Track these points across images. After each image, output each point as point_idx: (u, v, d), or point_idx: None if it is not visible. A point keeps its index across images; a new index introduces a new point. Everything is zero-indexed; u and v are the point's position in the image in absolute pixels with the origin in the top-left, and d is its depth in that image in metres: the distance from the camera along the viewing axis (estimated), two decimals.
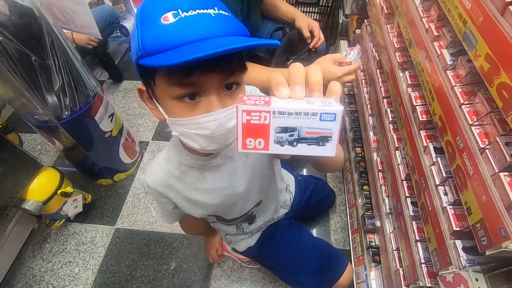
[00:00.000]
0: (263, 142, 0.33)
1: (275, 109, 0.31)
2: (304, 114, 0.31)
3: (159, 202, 0.72)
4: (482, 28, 0.55)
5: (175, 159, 0.65)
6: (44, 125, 1.24)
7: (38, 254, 1.44)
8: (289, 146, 0.33)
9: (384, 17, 1.11)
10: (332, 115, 0.31)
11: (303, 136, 0.33)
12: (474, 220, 0.55)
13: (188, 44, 0.39)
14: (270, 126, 0.32)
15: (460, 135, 0.61)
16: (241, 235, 0.99)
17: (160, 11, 0.41)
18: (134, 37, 0.43)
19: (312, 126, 0.32)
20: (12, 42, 0.96)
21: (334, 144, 0.33)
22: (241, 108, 0.31)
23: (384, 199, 1.05)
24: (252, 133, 0.32)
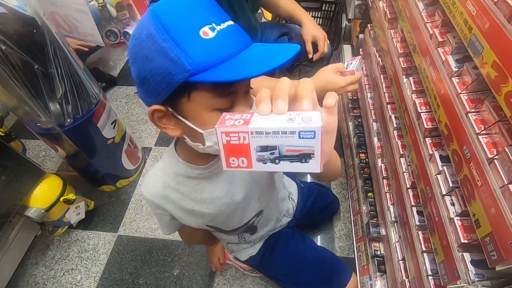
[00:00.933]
0: (246, 160, 0.33)
1: (253, 129, 0.31)
2: (282, 133, 0.31)
3: (156, 213, 0.72)
4: (488, 34, 0.53)
5: (170, 170, 0.64)
6: (47, 133, 1.25)
7: (40, 261, 1.44)
8: (271, 163, 0.33)
9: (387, 22, 1.10)
10: (311, 133, 0.31)
11: (284, 154, 0.33)
12: (483, 233, 0.53)
13: (234, 56, 0.43)
14: (250, 146, 0.32)
15: (467, 144, 0.59)
16: (242, 244, 0.97)
17: (195, 26, 0.41)
18: (167, 54, 0.41)
19: (291, 144, 0.32)
20: (15, 51, 0.97)
21: (318, 160, 0.32)
22: (219, 130, 0.32)
23: (389, 207, 1.03)
24: (234, 152, 0.33)
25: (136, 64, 0.45)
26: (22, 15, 0.98)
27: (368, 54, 1.37)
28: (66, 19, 1.21)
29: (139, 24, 0.44)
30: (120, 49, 2.51)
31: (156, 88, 0.45)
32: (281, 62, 0.40)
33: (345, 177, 1.58)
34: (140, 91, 0.49)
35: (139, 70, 0.45)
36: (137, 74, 0.46)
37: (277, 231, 1.00)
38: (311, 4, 1.79)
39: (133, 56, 0.45)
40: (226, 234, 0.88)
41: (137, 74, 0.46)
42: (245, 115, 0.34)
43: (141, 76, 0.45)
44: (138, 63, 0.45)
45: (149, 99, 0.48)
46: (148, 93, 0.47)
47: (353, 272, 1.02)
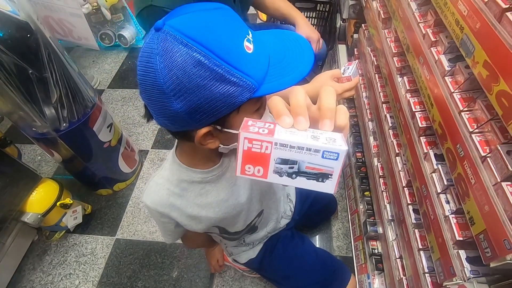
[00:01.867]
0: (262, 170, 0.33)
1: (278, 141, 0.31)
2: (306, 150, 0.31)
3: (160, 222, 0.70)
4: (479, 34, 0.54)
5: (173, 177, 0.64)
6: (42, 137, 1.24)
7: (38, 267, 1.43)
8: (287, 177, 0.33)
9: (381, 22, 1.10)
10: (335, 154, 0.31)
11: (303, 170, 0.32)
12: (477, 230, 0.53)
13: (269, 62, 0.46)
14: (271, 157, 0.32)
15: (461, 142, 0.60)
16: (242, 246, 0.97)
17: (237, 43, 0.42)
18: (226, 79, 0.40)
19: (313, 162, 0.31)
20: (9, 56, 0.96)
21: (334, 181, 0.32)
22: (243, 136, 0.31)
23: (385, 205, 1.04)
24: (252, 160, 0.32)
25: (182, 97, 0.41)
26: (16, 20, 0.97)
27: (362, 53, 1.38)
28: (61, 23, 1.21)
29: (164, 49, 0.40)
30: (115, 52, 2.50)
31: (213, 113, 0.43)
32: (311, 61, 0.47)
33: (342, 176, 1.59)
34: (185, 119, 0.44)
35: (190, 101, 0.42)
36: (185, 106, 0.42)
37: (276, 233, 1.00)
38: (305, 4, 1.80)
39: (176, 90, 0.41)
40: (226, 238, 0.88)
41: (185, 106, 0.42)
42: (267, 124, 0.33)
43: (192, 106, 0.42)
44: (187, 95, 0.41)
45: (195, 125, 0.46)
46: (198, 120, 0.45)
47: (352, 273, 1.02)
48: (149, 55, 0.41)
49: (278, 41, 0.50)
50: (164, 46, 0.40)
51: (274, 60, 0.46)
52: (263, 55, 0.45)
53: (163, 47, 0.40)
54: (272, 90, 0.44)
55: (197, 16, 0.42)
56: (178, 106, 0.42)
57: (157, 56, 0.40)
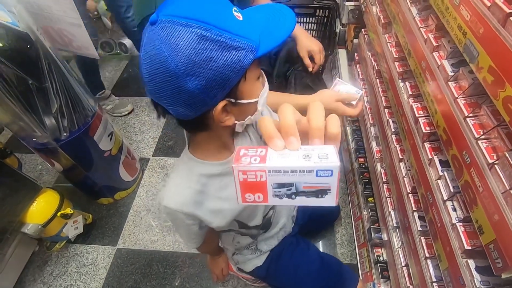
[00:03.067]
0: (262, 196, 0.34)
1: (270, 168, 0.31)
2: (300, 172, 0.31)
3: (185, 225, 0.69)
4: (483, 39, 0.53)
5: (192, 174, 0.64)
6: (43, 147, 1.23)
7: (38, 278, 1.41)
8: (287, 198, 0.33)
9: (381, 27, 1.10)
10: (329, 171, 0.31)
11: (301, 190, 0.33)
12: (487, 240, 0.52)
13: (264, 24, 0.50)
14: (267, 183, 0.32)
15: (467, 149, 0.58)
16: (249, 254, 0.96)
17: (228, 13, 0.46)
18: (231, 46, 0.44)
19: (309, 181, 0.32)
20: (9, 66, 0.96)
21: (334, 195, 0.33)
22: (236, 169, 0.32)
23: (390, 212, 1.02)
24: (250, 189, 0.33)
25: (195, 74, 0.44)
26: (16, 31, 0.97)
27: (363, 58, 1.38)
28: (60, 33, 1.21)
29: (163, 39, 0.42)
30: (116, 60, 2.51)
31: (224, 84, 0.46)
32: (293, 19, 0.51)
33: (345, 182, 1.57)
34: (202, 97, 0.46)
35: (202, 76, 0.44)
36: (199, 83, 0.44)
37: (282, 240, 0.99)
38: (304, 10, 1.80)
39: (190, 68, 0.43)
40: (244, 234, 0.87)
41: (199, 83, 0.44)
42: (259, 150, 0.34)
43: (205, 81, 0.44)
44: (200, 71, 0.43)
45: (210, 103, 0.48)
46: (214, 94, 0.47)
47: (359, 278, 1.01)
48: (153, 47, 0.43)
49: (259, 11, 0.54)
50: (165, 34, 0.42)
51: (262, 25, 0.50)
52: (252, 20, 0.49)
53: (165, 35, 0.42)
54: (269, 47, 0.48)
55: (185, 0, 0.45)
56: (193, 85, 0.44)
57: (161, 45, 0.42)
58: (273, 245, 0.97)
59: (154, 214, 1.59)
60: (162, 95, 0.47)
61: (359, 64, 1.46)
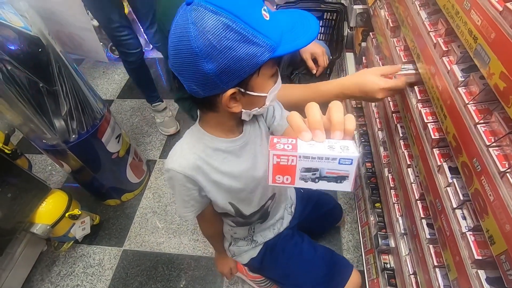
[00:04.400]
0: (290, 178, 0.40)
1: (301, 154, 0.38)
2: (325, 159, 0.38)
3: (185, 189, 0.70)
4: (494, 45, 0.52)
5: (199, 144, 0.67)
6: (52, 149, 1.26)
7: (46, 278, 1.43)
8: (311, 182, 0.40)
9: (389, 31, 1.09)
10: (349, 160, 0.37)
11: (324, 175, 0.39)
12: (498, 251, 0.50)
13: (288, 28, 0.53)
14: (297, 167, 0.39)
15: (477, 156, 0.57)
16: (244, 246, 0.98)
17: (257, 11, 0.49)
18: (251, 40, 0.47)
19: (331, 168, 0.38)
20: (21, 70, 0.99)
21: (351, 181, 0.39)
22: (272, 153, 0.38)
23: (397, 218, 1.00)
24: (281, 171, 0.40)
25: (213, 58, 0.48)
26: (28, 35, 0.99)
27: (371, 61, 1.36)
28: (71, 37, 1.23)
29: (193, 20, 0.46)
30: None
31: (237, 74, 0.50)
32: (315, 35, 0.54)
33: None
34: (215, 81, 0.51)
35: (220, 62, 0.48)
36: (217, 67, 0.49)
37: (278, 233, 0.99)
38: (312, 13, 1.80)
39: (210, 51, 0.47)
40: (241, 225, 0.89)
41: (217, 67, 0.49)
42: (290, 140, 0.40)
43: (221, 66, 0.49)
44: (219, 57, 0.48)
45: (224, 86, 0.52)
46: (227, 80, 0.51)
47: (354, 268, 1.01)
48: (183, 24, 0.48)
49: (287, 15, 0.57)
50: (196, 15, 0.46)
51: (286, 28, 0.53)
52: (278, 22, 0.52)
53: (196, 16, 0.46)
54: (288, 50, 0.51)
55: None
56: (209, 67, 0.48)
57: (191, 24, 0.46)
58: (269, 237, 0.99)
59: (161, 216, 1.60)
60: (182, 69, 0.52)
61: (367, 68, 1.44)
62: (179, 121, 2.02)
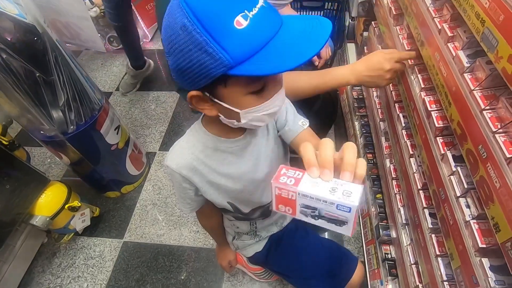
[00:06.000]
0: (291, 210, 0.41)
1: (300, 192, 0.38)
2: (323, 201, 0.37)
3: (181, 188, 0.70)
4: (503, 27, 0.50)
5: (199, 143, 0.65)
6: (50, 140, 1.24)
7: (47, 269, 1.44)
8: (311, 218, 0.40)
9: (392, 19, 1.07)
10: (347, 208, 0.36)
11: (322, 215, 0.39)
12: (504, 238, 0.50)
13: (267, 42, 0.43)
14: (296, 202, 0.40)
15: (483, 143, 0.56)
16: (248, 240, 0.97)
17: (227, 16, 0.41)
18: (204, 49, 0.42)
19: (330, 211, 0.38)
20: (16, 59, 0.97)
21: (350, 227, 0.38)
22: (274, 185, 0.40)
23: (399, 208, 1.00)
24: (283, 202, 0.41)
25: (172, 55, 0.46)
26: (23, 23, 0.97)
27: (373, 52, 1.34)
28: (68, 26, 1.21)
29: (170, 11, 0.44)
30: (123, 54, 2.51)
31: (193, 78, 0.46)
32: (314, 53, 0.43)
33: None
34: (177, 78, 0.50)
35: (176, 61, 0.46)
36: (174, 64, 0.47)
37: (282, 228, 0.98)
38: (313, 3, 1.76)
39: (169, 47, 0.46)
40: (241, 219, 0.87)
41: (174, 64, 0.47)
42: (297, 173, 0.41)
43: (178, 67, 0.46)
44: (174, 55, 0.45)
45: (186, 86, 0.50)
46: (185, 81, 0.49)
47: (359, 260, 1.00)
48: (165, 13, 0.46)
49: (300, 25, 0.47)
50: (171, 7, 0.44)
51: (279, 43, 0.44)
52: (260, 34, 0.43)
53: (170, 7, 0.44)
54: (251, 72, 0.43)
55: None
56: (170, 63, 0.48)
57: (166, 15, 0.46)
58: (273, 231, 0.98)
59: (161, 208, 1.60)
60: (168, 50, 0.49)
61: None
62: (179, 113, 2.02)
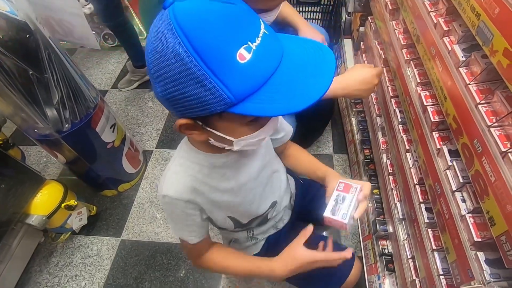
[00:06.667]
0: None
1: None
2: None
3: (185, 215, 0.65)
4: (498, 20, 0.50)
5: (194, 164, 0.62)
6: (45, 139, 1.23)
7: (44, 269, 1.43)
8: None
9: (388, 13, 1.06)
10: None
11: None
12: (498, 232, 0.50)
13: (271, 77, 0.40)
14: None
15: (478, 137, 0.56)
16: (246, 242, 0.96)
17: (230, 48, 0.37)
18: (202, 83, 0.37)
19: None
20: (8, 57, 0.95)
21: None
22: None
23: (396, 204, 1.00)
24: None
25: (161, 82, 0.40)
26: (14, 20, 0.96)
27: (369, 47, 1.34)
28: (61, 23, 1.19)
29: (158, 31, 0.38)
30: (118, 52, 2.49)
31: (185, 109, 0.42)
32: (320, 94, 0.40)
33: (350, 174, 1.55)
34: (165, 105, 0.45)
35: (166, 89, 0.41)
36: (162, 92, 0.42)
37: (279, 230, 0.98)
38: None
39: (157, 74, 0.40)
40: (239, 230, 0.87)
41: (162, 92, 0.42)
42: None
43: (168, 95, 0.41)
44: (164, 82, 0.40)
45: (175, 114, 0.46)
46: (175, 110, 0.44)
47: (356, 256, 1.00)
48: (151, 31, 0.41)
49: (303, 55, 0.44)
50: (160, 28, 0.38)
51: (283, 78, 0.41)
52: (264, 68, 0.40)
53: (159, 28, 0.39)
54: (255, 113, 0.40)
55: (203, 7, 0.38)
56: (158, 89, 0.42)
57: (152, 34, 0.40)
58: (270, 233, 0.97)
59: (158, 206, 1.59)
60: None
61: (365, 53, 1.42)
62: None
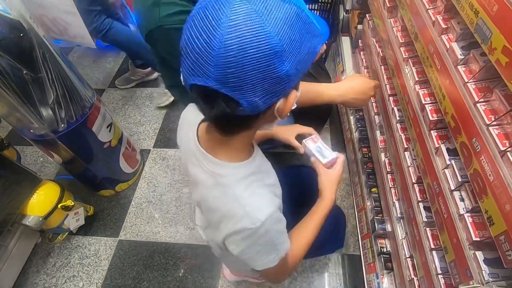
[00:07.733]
0: None
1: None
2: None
3: (281, 229, 0.60)
4: (497, 18, 0.49)
5: (250, 176, 0.57)
6: (41, 139, 1.22)
7: (42, 269, 1.42)
8: None
9: (386, 11, 1.05)
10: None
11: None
12: (497, 231, 0.49)
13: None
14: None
15: (477, 136, 0.55)
16: None
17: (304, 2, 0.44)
18: (314, 32, 0.44)
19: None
20: (2, 56, 0.94)
21: None
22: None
23: (394, 202, 1.00)
24: None
25: (292, 53, 0.40)
26: (7, 19, 0.94)
27: (367, 45, 1.33)
28: (55, 21, 1.17)
29: (273, 11, 0.38)
30: (115, 51, 2.47)
31: (303, 69, 0.44)
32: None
33: (348, 172, 1.55)
34: (278, 88, 0.42)
35: (294, 59, 0.41)
36: (290, 65, 0.40)
37: None
38: None
39: (287, 47, 0.39)
40: None
41: (290, 65, 0.40)
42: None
43: (295, 65, 0.41)
44: (293, 51, 0.40)
45: (285, 91, 0.45)
46: (292, 82, 0.44)
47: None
48: (250, 22, 0.37)
49: None
50: (267, 4, 0.38)
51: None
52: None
53: (267, 8, 0.38)
54: (326, 38, 0.55)
55: None
56: (286, 67, 0.40)
57: (264, 20, 0.37)
58: None
59: (156, 206, 1.59)
60: (245, 80, 0.39)
61: (363, 51, 1.41)
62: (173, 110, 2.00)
